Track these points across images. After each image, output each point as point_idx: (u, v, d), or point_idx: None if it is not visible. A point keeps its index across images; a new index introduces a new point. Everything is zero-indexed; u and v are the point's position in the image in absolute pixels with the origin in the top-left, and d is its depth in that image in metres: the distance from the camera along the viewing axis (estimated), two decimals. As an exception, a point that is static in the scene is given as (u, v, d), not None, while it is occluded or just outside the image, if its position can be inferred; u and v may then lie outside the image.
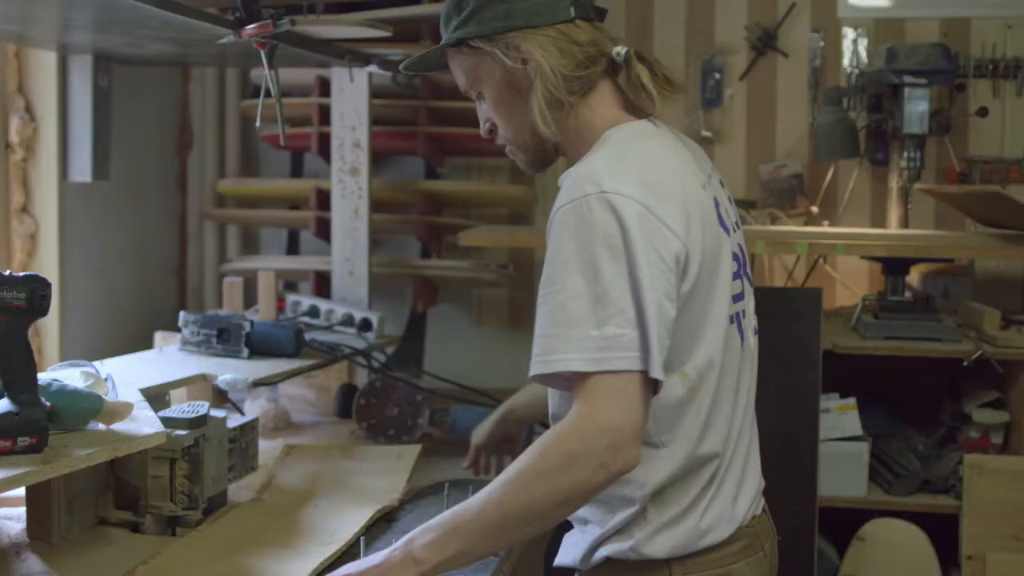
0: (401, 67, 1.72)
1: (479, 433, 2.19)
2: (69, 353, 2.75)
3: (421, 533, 1.44)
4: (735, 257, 1.57)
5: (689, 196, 1.49)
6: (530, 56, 1.53)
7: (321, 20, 2.35)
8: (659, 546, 1.51)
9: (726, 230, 1.56)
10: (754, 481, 1.63)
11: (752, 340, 1.64)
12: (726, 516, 1.54)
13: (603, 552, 1.54)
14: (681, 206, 1.46)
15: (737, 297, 1.57)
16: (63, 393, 1.69)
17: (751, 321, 1.64)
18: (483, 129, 1.65)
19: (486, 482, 1.48)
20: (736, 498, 1.57)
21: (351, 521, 1.90)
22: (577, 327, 1.38)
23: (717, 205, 1.56)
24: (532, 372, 1.43)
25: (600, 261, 1.39)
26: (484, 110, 1.63)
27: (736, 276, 1.57)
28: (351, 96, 2.92)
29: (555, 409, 1.58)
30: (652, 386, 1.41)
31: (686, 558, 1.51)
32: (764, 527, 1.63)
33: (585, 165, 1.48)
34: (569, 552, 1.61)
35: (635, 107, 1.59)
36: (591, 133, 1.54)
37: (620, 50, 1.57)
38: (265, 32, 2.07)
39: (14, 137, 2.71)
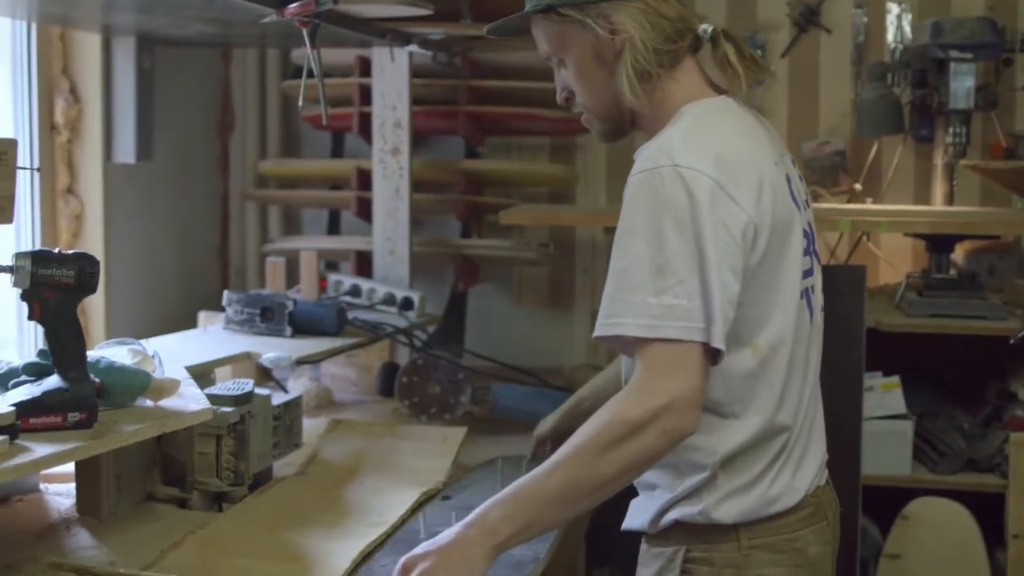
0: (486, 31, 1.73)
1: (544, 425, 2.18)
2: (114, 332, 2.78)
3: (492, 507, 1.45)
4: (805, 234, 1.60)
5: (762, 171, 1.52)
6: (621, 27, 1.54)
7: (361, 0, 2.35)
8: (728, 511, 1.54)
9: (797, 206, 1.59)
10: (819, 453, 1.67)
11: (819, 316, 1.66)
12: (793, 485, 1.57)
13: (672, 516, 1.57)
14: (752, 181, 1.49)
15: (807, 273, 1.60)
16: (112, 370, 1.71)
17: (819, 298, 1.67)
18: (560, 97, 1.66)
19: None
20: (803, 468, 1.60)
21: (397, 502, 1.92)
22: (636, 293, 1.43)
23: (789, 182, 1.59)
24: (595, 334, 1.48)
25: (666, 231, 1.42)
26: (563, 77, 1.64)
27: (806, 252, 1.60)
28: (392, 76, 2.93)
29: (626, 374, 1.61)
30: (713, 356, 1.43)
31: (753, 524, 1.55)
32: (827, 497, 1.67)
33: (662, 138, 1.51)
34: (637, 517, 1.64)
35: (714, 84, 1.62)
36: (670, 107, 1.56)
37: (707, 27, 1.60)
38: (308, 11, 2.07)
39: (59, 119, 2.74)
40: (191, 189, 3.28)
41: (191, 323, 2.92)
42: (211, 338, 2.50)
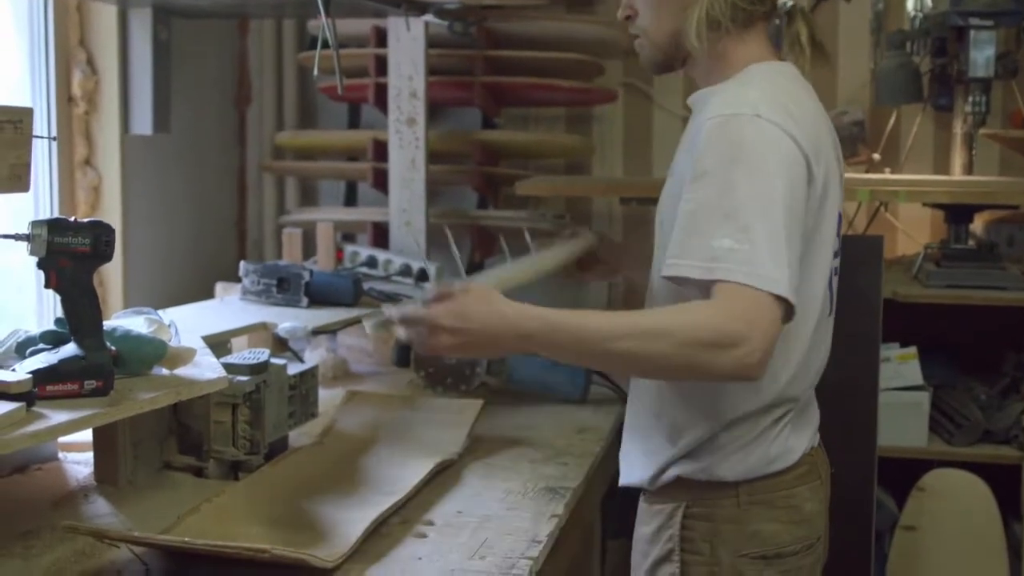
0: None
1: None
2: (132, 302, 2.79)
3: (539, 323, 1.43)
4: (839, 214, 1.62)
5: (823, 141, 1.54)
6: None
7: (376, -32, 2.34)
8: (730, 469, 1.58)
9: (839, 183, 1.60)
10: (816, 415, 1.72)
11: (834, 299, 1.68)
12: (792, 446, 1.61)
13: (673, 472, 1.61)
14: (819, 148, 1.51)
15: (836, 253, 1.62)
16: (128, 338, 1.72)
17: (835, 281, 1.68)
18: (621, 13, 1.67)
19: None
20: (802, 430, 1.64)
21: (412, 472, 1.91)
22: (701, 237, 1.42)
23: (838, 160, 1.61)
24: (663, 273, 1.47)
25: (738, 178, 1.42)
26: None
27: (837, 233, 1.62)
28: (407, 46, 2.92)
29: None
30: (784, 311, 1.40)
31: (754, 481, 1.59)
32: (820, 458, 1.70)
33: (735, 89, 1.52)
34: (635, 472, 1.67)
35: (777, 52, 1.64)
36: (733, 63, 1.58)
37: (787, 0, 1.60)
38: (322, -20, 2.07)
39: (76, 90, 2.74)
40: (208, 161, 3.29)
41: (208, 294, 2.93)
42: (228, 308, 2.51)
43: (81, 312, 1.62)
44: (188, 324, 2.18)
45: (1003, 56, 2.96)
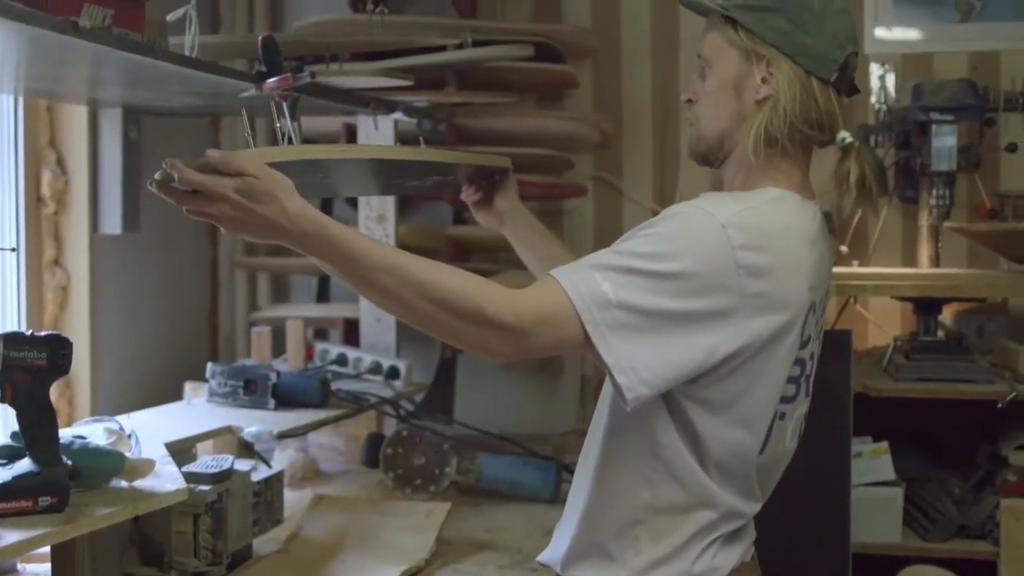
0: None
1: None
2: (100, 404, 2.77)
3: (315, 234, 1.40)
4: (799, 363, 1.56)
5: (796, 287, 1.49)
6: (774, 80, 1.54)
7: (342, 71, 2.36)
8: None
9: (804, 343, 1.55)
10: (753, 532, 1.65)
11: (795, 442, 1.64)
12: (720, 565, 1.54)
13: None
14: (782, 289, 1.47)
15: (787, 399, 1.57)
16: (85, 451, 1.70)
17: (798, 425, 1.64)
18: (683, 96, 1.66)
19: None
20: (737, 547, 1.58)
21: (377, 579, 1.89)
22: (594, 259, 1.44)
23: (811, 310, 1.55)
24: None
25: (668, 257, 1.41)
26: (699, 82, 1.63)
27: (793, 381, 1.56)
28: (377, 143, 2.94)
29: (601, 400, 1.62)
30: (587, 347, 1.40)
31: None
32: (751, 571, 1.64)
33: (730, 199, 1.51)
34: (551, 550, 1.66)
35: (809, 185, 1.62)
36: (760, 182, 1.56)
37: (847, 136, 1.59)
38: (286, 85, 2.08)
39: (46, 191, 2.74)
40: (179, 257, 3.28)
41: (178, 392, 2.91)
42: (194, 411, 2.48)
43: (36, 427, 1.60)
44: (153, 429, 2.16)
45: (966, 149, 3.00)
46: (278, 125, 1.88)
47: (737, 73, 1.57)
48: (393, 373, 2.80)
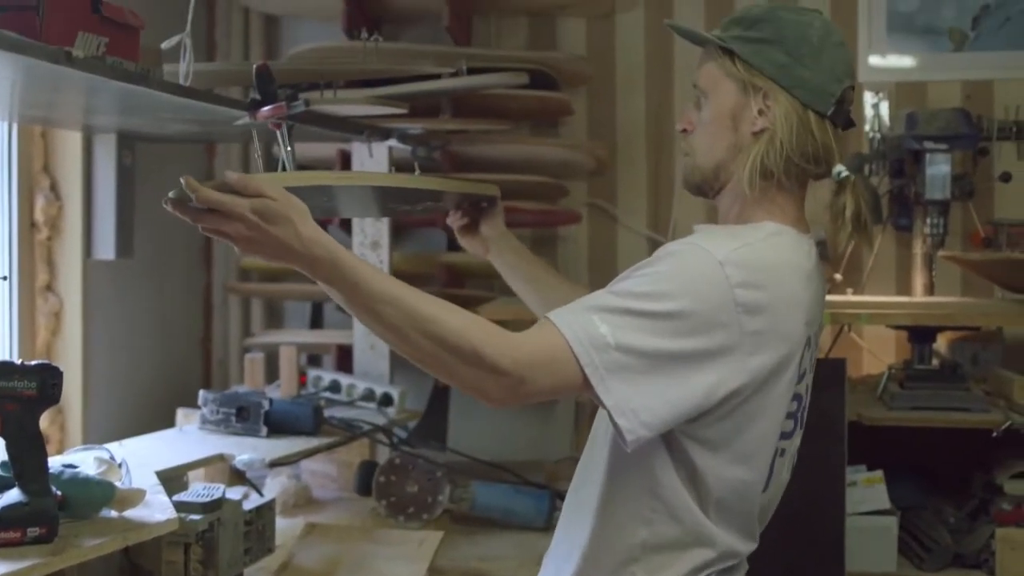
0: (666, 23, 1.69)
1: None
2: (92, 430, 2.76)
3: (326, 260, 1.41)
4: (796, 398, 1.57)
5: (793, 324, 1.49)
6: (771, 113, 1.53)
7: (337, 99, 2.37)
8: None
9: (800, 377, 1.56)
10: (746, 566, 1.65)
11: (788, 475, 1.65)
12: None
13: None
14: (777, 329, 1.46)
15: (785, 435, 1.57)
16: (74, 481, 1.69)
17: (791, 460, 1.64)
18: (679, 125, 1.65)
19: None
20: None
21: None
22: (591, 300, 1.43)
23: (807, 345, 1.55)
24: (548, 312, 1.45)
25: (664, 296, 1.41)
26: (694, 112, 1.62)
27: (791, 416, 1.57)
28: (371, 169, 2.94)
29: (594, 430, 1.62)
30: (586, 390, 1.40)
31: None
32: None
33: (726, 236, 1.50)
34: None
35: (804, 219, 1.62)
36: (756, 216, 1.56)
37: (841, 170, 1.59)
38: (280, 114, 2.08)
39: (39, 216, 2.74)
40: (173, 282, 3.27)
41: (171, 417, 2.90)
42: (186, 439, 2.47)
43: (26, 457, 1.59)
44: (144, 457, 2.15)
45: (959, 178, 3.00)
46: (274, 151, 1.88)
47: (734, 104, 1.57)
48: (386, 400, 2.79)
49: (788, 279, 1.49)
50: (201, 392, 2.56)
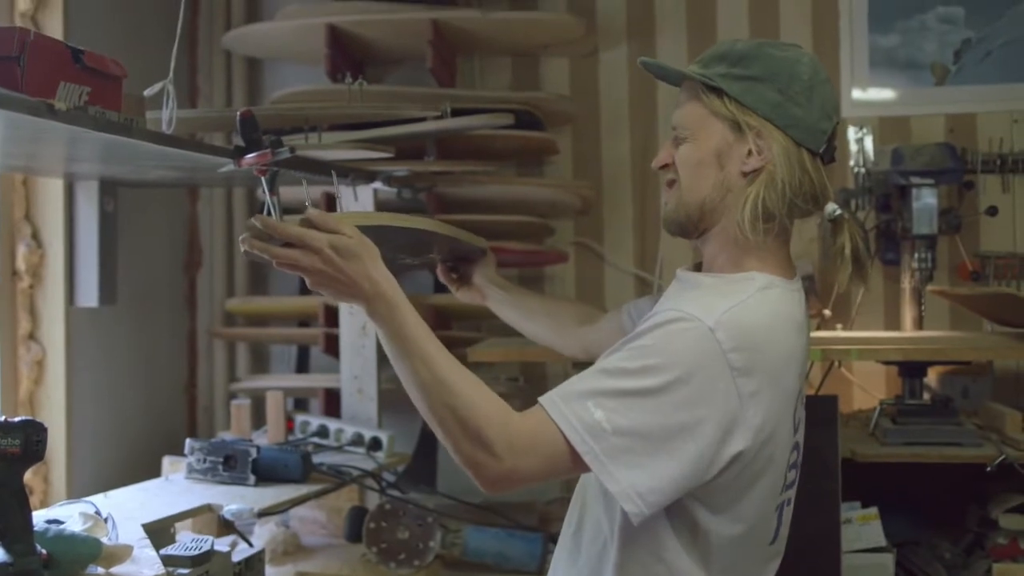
0: (639, 61, 1.66)
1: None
2: (77, 480, 2.72)
3: (384, 304, 1.44)
4: (795, 447, 1.56)
5: (788, 368, 1.49)
6: (767, 151, 1.51)
7: (322, 145, 2.35)
8: None
9: (796, 427, 1.55)
10: None
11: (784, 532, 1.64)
12: None
13: None
14: (776, 374, 1.45)
15: (787, 486, 1.57)
16: (60, 539, 1.66)
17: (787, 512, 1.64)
18: (656, 163, 1.62)
19: None
20: None
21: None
22: (582, 384, 1.41)
23: (797, 396, 1.55)
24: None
25: (653, 372, 1.39)
26: (673, 152, 1.59)
27: (792, 467, 1.57)
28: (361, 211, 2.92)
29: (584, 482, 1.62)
30: (579, 467, 1.40)
31: None
32: None
33: (714, 295, 1.47)
34: None
35: (791, 262, 1.60)
36: (743, 263, 1.53)
37: (835, 209, 1.58)
38: (264, 161, 2.06)
39: (21, 264, 2.72)
40: (157, 328, 3.25)
41: (156, 465, 2.86)
42: (173, 489, 2.43)
43: (10, 516, 1.56)
44: (130, 509, 2.11)
45: (946, 212, 3.01)
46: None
47: (720, 143, 1.53)
48: (375, 445, 2.76)
49: (781, 336, 1.48)
50: (188, 441, 2.52)
